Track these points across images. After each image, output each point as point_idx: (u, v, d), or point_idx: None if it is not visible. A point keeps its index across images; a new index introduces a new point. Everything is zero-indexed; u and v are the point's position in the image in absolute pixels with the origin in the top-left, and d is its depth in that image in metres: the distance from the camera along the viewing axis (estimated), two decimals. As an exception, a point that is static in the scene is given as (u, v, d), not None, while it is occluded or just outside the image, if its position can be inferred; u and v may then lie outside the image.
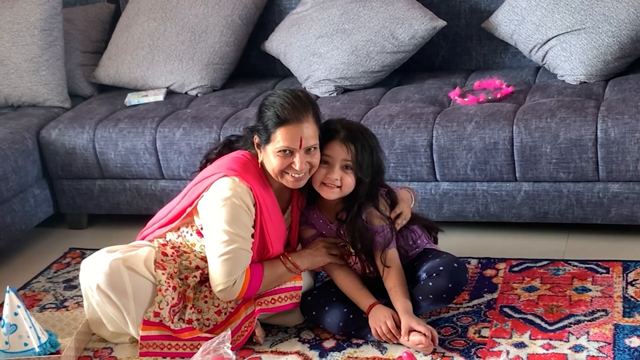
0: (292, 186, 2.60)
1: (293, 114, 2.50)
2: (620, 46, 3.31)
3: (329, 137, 2.58)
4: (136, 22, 3.88)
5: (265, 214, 2.61)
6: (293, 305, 2.68)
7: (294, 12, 3.79)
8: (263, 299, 2.63)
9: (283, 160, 2.53)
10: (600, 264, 2.94)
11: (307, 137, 2.51)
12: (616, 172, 3.00)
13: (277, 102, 2.53)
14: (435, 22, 3.52)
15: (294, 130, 2.50)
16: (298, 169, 2.53)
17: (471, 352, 2.50)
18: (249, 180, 2.57)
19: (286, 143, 2.51)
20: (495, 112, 3.14)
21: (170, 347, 2.60)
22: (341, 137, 2.57)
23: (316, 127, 2.55)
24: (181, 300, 2.65)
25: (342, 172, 2.57)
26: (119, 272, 2.57)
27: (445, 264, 2.58)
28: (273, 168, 2.56)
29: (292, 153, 2.52)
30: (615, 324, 2.57)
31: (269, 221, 2.62)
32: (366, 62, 3.54)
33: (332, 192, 2.59)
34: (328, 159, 2.57)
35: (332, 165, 2.57)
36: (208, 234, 2.60)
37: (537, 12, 3.43)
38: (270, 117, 2.52)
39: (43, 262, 3.41)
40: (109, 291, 2.57)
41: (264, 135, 2.55)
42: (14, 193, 3.41)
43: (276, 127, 2.51)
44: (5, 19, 3.81)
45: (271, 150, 2.55)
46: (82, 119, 3.60)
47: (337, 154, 2.56)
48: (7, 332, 2.56)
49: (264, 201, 2.60)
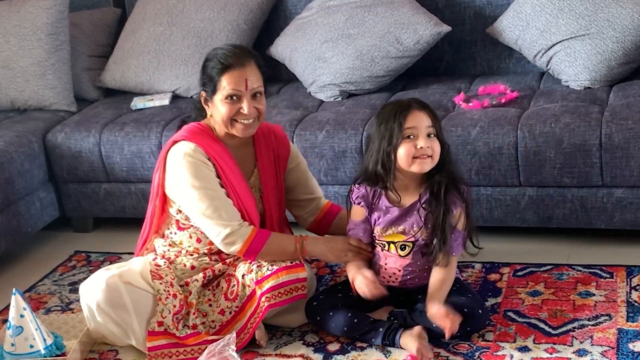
0: (242, 134, 2.65)
1: (235, 59, 2.60)
2: (624, 52, 3.32)
3: (404, 111, 2.53)
4: (142, 27, 3.90)
5: (227, 170, 2.65)
6: (300, 297, 2.65)
7: (299, 17, 3.80)
8: (270, 293, 2.60)
9: (231, 107, 2.60)
10: (604, 268, 2.95)
11: (252, 80, 2.60)
12: (620, 177, 3.01)
13: (219, 52, 2.64)
14: (440, 28, 3.53)
15: (239, 73, 2.59)
16: (247, 112, 2.60)
17: (475, 356, 2.51)
18: (197, 140, 2.64)
19: (232, 87, 2.59)
20: (500, 117, 3.15)
21: (179, 354, 2.60)
22: (416, 107, 2.54)
23: (260, 74, 2.64)
24: (183, 307, 2.66)
25: (430, 141, 2.53)
26: (116, 288, 2.58)
27: (469, 307, 2.55)
28: (222, 117, 2.62)
29: (239, 98, 2.60)
30: (619, 329, 2.57)
31: (233, 178, 2.65)
32: (371, 67, 3.55)
33: (425, 162, 2.53)
34: (412, 131, 2.51)
35: (417, 136, 2.52)
36: (183, 202, 2.65)
37: (542, 17, 3.44)
38: (214, 66, 2.62)
39: (49, 265, 3.42)
40: (109, 309, 2.58)
41: (210, 86, 2.64)
42: (20, 196, 3.43)
43: (221, 73, 2.60)
44: (12, 22, 3.83)
45: (219, 99, 2.62)
46: (88, 123, 3.61)
47: (420, 122, 2.52)
48: (13, 334, 2.57)
49: (220, 157, 2.64)
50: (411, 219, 2.62)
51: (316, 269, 3.13)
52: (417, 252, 2.63)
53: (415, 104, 2.57)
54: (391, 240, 2.65)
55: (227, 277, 2.73)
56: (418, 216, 2.60)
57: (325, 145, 3.25)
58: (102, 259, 3.42)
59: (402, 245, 2.64)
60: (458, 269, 2.81)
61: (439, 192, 2.55)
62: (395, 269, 2.67)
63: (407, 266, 2.65)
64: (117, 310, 2.59)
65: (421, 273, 2.65)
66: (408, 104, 2.56)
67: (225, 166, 2.65)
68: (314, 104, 3.58)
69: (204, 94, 2.68)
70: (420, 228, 2.60)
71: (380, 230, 2.65)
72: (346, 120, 3.29)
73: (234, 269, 2.73)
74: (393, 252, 2.65)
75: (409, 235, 2.62)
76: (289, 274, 2.64)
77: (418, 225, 2.60)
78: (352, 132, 3.22)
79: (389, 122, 2.54)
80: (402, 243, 2.64)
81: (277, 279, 2.62)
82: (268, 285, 2.61)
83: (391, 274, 2.68)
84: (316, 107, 3.55)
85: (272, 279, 2.62)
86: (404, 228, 2.62)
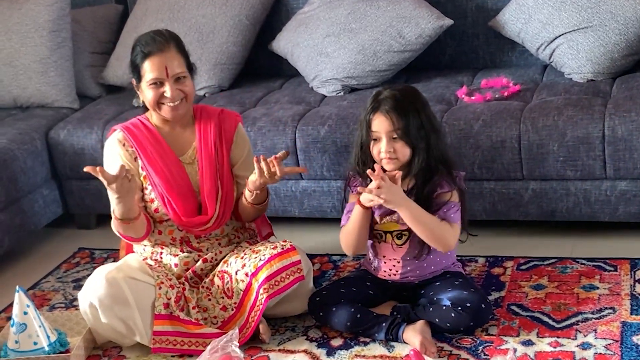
0: (171, 116, 2.74)
1: (155, 45, 2.69)
2: (627, 44, 3.31)
3: (370, 114, 2.59)
4: (144, 23, 3.89)
5: (150, 154, 2.73)
6: (298, 279, 2.65)
7: (301, 12, 3.80)
8: (267, 283, 2.60)
9: (156, 92, 2.70)
10: (607, 261, 2.94)
11: (172, 66, 2.68)
12: (624, 170, 3.00)
13: (141, 40, 2.73)
14: (442, 21, 3.52)
15: (158, 60, 2.68)
16: (170, 96, 2.69)
17: (478, 350, 2.51)
18: (126, 127, 2.78)
19: (154, 74, 2.68)
20: (503, 111, 3.14)
21: (183, 344, 2.61)
22: (381, 110, 2.57)
23: (182, 58, 2.73)
24: (180, 298, 2.68)
25: (392, 144, 2.57)
26: (116, 283, 2.60)
27: (473, 302, 2.55)
28: (149, 101, 2.72)
29: (162, 83, 2.69)
30: (623, 322, 2.57)
31: (159, 158, 2.73)
32: (373, 61, 3.55)
33: (390, 163, 2.58)
34: (377, 135, 2.58)
35: (379, 140, 2.58)
36: None
37: (544, 10, 3.43)
38: (137, 53, 2.72)
39: (52, 262, 3.43)
40: (112, 304, 2.59)
41: (136, 73, 2.74)
42: (23, 193, 3.43)
43: (142, 60, 2.69)
44: (14, 20, 3.83)
45: (144, 85, 2.71)
46: (91, 120, 3.62)
47: (381, 127, 2.57)
48: (17, 331, 2.58)
49: (144, 142, 2.75)
50: None
51: (319, 264, 3.14)
52: (414, 241, 2.64)
53: (384, 104, 2.57)
54: (387, 230, 2.66)
55: (220, 274, 2.74)
56: None
57: (327, 140, 3.24)
58: (106, 255, 3.43)
59: (398, 234, 2.65)
60: (461, 262, 2.81)
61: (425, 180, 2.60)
62: (395, 261, 2.67)
63: (405, 256, 2.66)
64: (119, 305, 2.60)
65: (421, 264, 2.66)
66: (377, 104, 2.58)
67: (147, 150, 2.74)
68: (316, 98, 3.57)
69: (134, 81, 2.77)
70: None
71: (377, 218, 2.67)
72: (348, 114, 3.29)
73: (226, 265, 2.74)
74: (389, 242, 2.66)
75: (403, 224, 2.63)
76: (282, 260, 2.64)
77: None
78: (355, 126, 3.20)
79: (362, 121, 2.63)
80: (398, 232, 2.65)
81: (271, 267, 2.62)
82: (263, 275, 2.61)
83: (391, 267, 2.68)
84: (318, 102, 3.54)
85: (266, 269, 2.62)
86: (398, 216, 2.63)
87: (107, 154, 2.80)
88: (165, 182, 2.72)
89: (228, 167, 2.79)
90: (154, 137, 2.77)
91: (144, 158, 2.74)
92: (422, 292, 2.66)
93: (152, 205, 2.76)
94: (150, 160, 2.73)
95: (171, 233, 2.78)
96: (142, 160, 2.75)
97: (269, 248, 2.69)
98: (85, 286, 2.68)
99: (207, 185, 2.75)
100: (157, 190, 2.74)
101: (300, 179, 3.35)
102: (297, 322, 2.76)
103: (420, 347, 2.48)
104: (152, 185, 2.74)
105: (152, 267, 2.73)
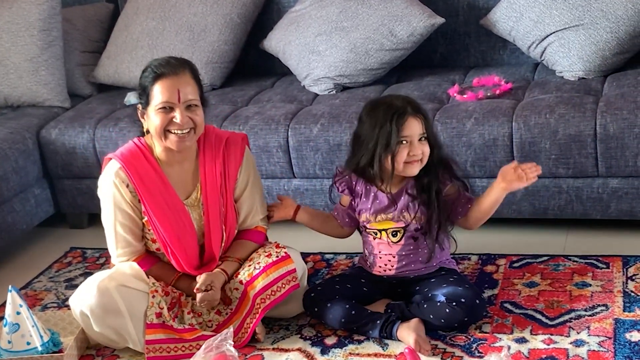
0: (177, 147, 2.56)
1: (168, 68, 2.52)
2: (618, 42, 3.32)
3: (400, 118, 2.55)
4: (135, 22, 3.89)
5: (150, 195, 2.58)
6: (293, 288, 2.64)
7: (293, 10, 3.79)
8: (264, 293, 2.59)
9: (164, 117, 2.52)
10: (600, 259, 2.95)
11: (185, 92, 2.51)
12: (615, 168, 3.01)
13: (154, 63, 2.57)
14: (434, 20, 3.53)
15: (171, 83, 2.50)
16: (179, 122, 2.50)
17: (472, 347, 2.51)
18: (126, 160, 2.59)
19: (164, 97, 2.50)
20: (495, 109, 3.15)
21: (177, 350, 2.59)
22: (411, 113, 2.56)
23: (196, 85, 2.56)
24: (175, 305, 2.65)
25: (422, 146, 2.58)
26: (108, 292, 2.55)
27: (467, 297, 2.56)
28: (156, 127, 2.53)
29: (172, 109, 2.52)
30: (616, 319, 2.58)
31: (161, 200, 2.59)
32: (365, 60, 3.55)
33: (415, 166, 2.59)
34: (407, 138, 2.56)
35: (411, 142, 2.56)
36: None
37: (535, 8, 3.44)
38: (147, 75, 2.55)
39: (44, 261, 3.42)
40: (104, 314, 2.56)
41: (144, 97, 2.56)
42: (14, 193, 3.42)
43: (153, 82, 2.52)
44: (4, 19, 3.81)
45: (152, 110, 2.53)
46: (82, 119, 3.60)
47: (414, 129, 2.56)
48: (10, 331, 2.57)
49: (145, 180, 2.58)
50: (400, 205, 2.64)
51: (312, 263, 3.14)
52: (409, 237, 2.65)
53: (410, 108, 2.57)
54: (382, 228, 2.67)
55: None
56: (405, 202, 2.62)
57: (320, 139, 3.24)
58: (98, 255, 3.42)
59: (393, 232, 2.66)
60: (455, 260, 2.82)
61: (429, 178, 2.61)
62: (390, 256, 2.68)
63: (401, 251, 2.67)
64: (111, 315, 2.57)
65: (416, 258, 2.67)
66: (404, 109, 2.57)
67: (149, 190, 2.59)
68: (308, 97, 3.57)
69: (139, 107, 2.61)
70: (409, 214, 2.63)
71: (370, 217, 2.67)
72: (341, 113, 3.29)
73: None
74: (385, 239, 2.67)
75: (399, 222, 2.64)
76: (277, 269, 2.62)
77: (407, 211, 2.62)
78: (347, 125, 3.21)
79: (384, 127, 2.55)
80: (393, 230, 2.65)
81: (267, 277, 2.60)
82: (259, 285, 2.59)
83: (386, 262, 2.69)
84: (310, 101, 3.54)
85: (261, 278, 2.60)
86: (393, 215, 2.64)
87: (106, 192, 2.62)
88: (169, 232, 2.62)
89: (232, 204, 2.71)
90: (158, 177, 2.61)
91: (147, 203, 2.60)
92: (417, 288, 2.67)
93: (153, 244, 2.69)
94: (153, 206, 2.59)
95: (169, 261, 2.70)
96: (145, 204, 2.60)
97: (262, 256, 2.66)
98: (77, 293, 2.64)
99: (214, 232, 2.67)
100: (159, 237, 2.64)
101: (292, 178, 3.35)
102: (291, 321, 2.75)
103: (415, 344, 2.48)
104: (154, 230, 2.63)
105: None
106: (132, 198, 2.61)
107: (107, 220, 2.66)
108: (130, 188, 2.60)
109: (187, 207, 2.66)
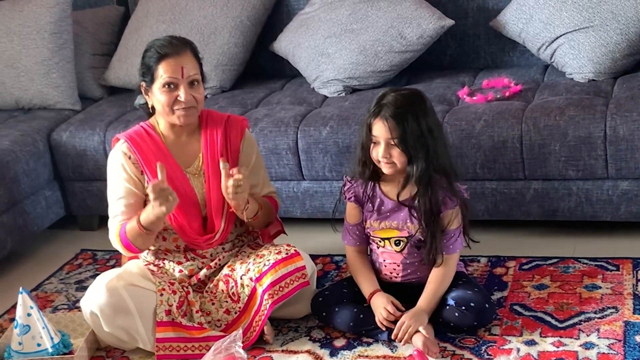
0: (183, 122, 2.70)
1: (172, 48, 2.67)
2: (628, 43, 3.31)
3: (371, 117, 2.57)
4: (145, 24, 3.90)
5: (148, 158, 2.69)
6: (302, 285, 2.65)
7: (302, 13, 3.80)
8: (272, 289, 2.60)
9: (169, 95, 2.66)
10: (610, 261, 2.94)
11: (188, 68, 2.66)
12: (625, 170, 3.00)
13: (156, 43, 2.70)
14: (443, 21, 3.53)
15: (175, 62, 2.65)
16: (184, 99, 2.65)
17: (482, 350, 2.51)
18: (128, 135, 2.75)
19: (169, 74, 2.65)
20: (504, 111, 3.14)
21: (187, 349, 2.61)
22: (382, 116, 2.55)
23: (196, 62, 2.71)
24: (183, 303, 2.66)
25: (390, 149, 2.56)
26: (116, 291, 2.59)
27: (477, 301, 2.56)
28: (162, 105, 2.67)
29: (176, 86, 2.66)
30: (626, 321, 2.57)
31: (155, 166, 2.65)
32: (374, 62, 3.55)
33: (387, 166, 2.58)
34: (376, 139, 2.57)
35: (378, 144, 2.57)
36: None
37: (545, 10, 3.43)
38: (151, 56, 2.68)
39: (55, 263, 3.43)
40: (113, 314, 2.59)
41: (148, 76, 2.69)
42: (25, 195, 3.44)
43: (157, 62, 2.66)
44: (16, 22, 3.83)
45: (157, 88, 2.67)
46: (93, 121, 3.62)
47: (380, 133, 2.56)
48: (21, 332, 2.58)
49: (149, 154, 2.70)
50: (403, 214, 2.63)
51: (322, 265, 3.14)
52: (412, 247, 2.65)
53: (386, 111, 2.54)
54: (385, 237, 2.67)
55: (225, 278, 2.73)
56: (408, 212, 2.62)
57: (329, 141, 3.25)
58: (108, 257, 3.43)
59: (396, 241, 2.65)
60: (463, 262, 2.82)
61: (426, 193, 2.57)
62: (395, 265, 2.68)
63: (405, 260, 2.66)
64: (121, 314, 2.59)
65: (420, 266, 2.66)
66: (380, 109, 2.56)
67: (149, 160, 2.70)
68: (317, 99, 3.58)
69: (143, 84, 2.73)
70: (413, 224, 2.62)
71: (374, 222, 2.67)
72: (350, 115, 3.29)
73: (230, 269, 2.73)
74: (389, 248, 2.67)
75: (402, 231, 2.64)
76: (286, 265, 2.64)
77: (410, 221, 2.62)
78: (356, 127, 3.21)
79: (364, 123, 2.61)
80: (397, 239, 2.65)
81: (276, 273, 2.61)
82: (268, 281, 2.61)
83: (392, 270, 2.69)
84: (320, 103, 3.55)
85: (270, 274, 2.61)
86: (397, 223, 2.64)
87: (113, 166, 2.74)
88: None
89: None
90: (159, 149, 2.73)
91: (149, 173, 2.70)
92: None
93: None
94: (155, 175, 2.64)
95: (175, 241, 2.77)
96: (147, 175, 2.70)
97: (273, 253, 2.68)
98: (86, 294, 2.67)
99: (214, 200, 2.73)
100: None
101: (302, 180, 3.35)
102: (300, 323, 2.76)
103: (423, 347, 2.48)
104: None
105: (154, 272, 2.72)
106: (135, 170, 2.71)
107: (109, 190, 2.76)
108: (132, 160, 2.72)
109: (189, 175, 2.75)
